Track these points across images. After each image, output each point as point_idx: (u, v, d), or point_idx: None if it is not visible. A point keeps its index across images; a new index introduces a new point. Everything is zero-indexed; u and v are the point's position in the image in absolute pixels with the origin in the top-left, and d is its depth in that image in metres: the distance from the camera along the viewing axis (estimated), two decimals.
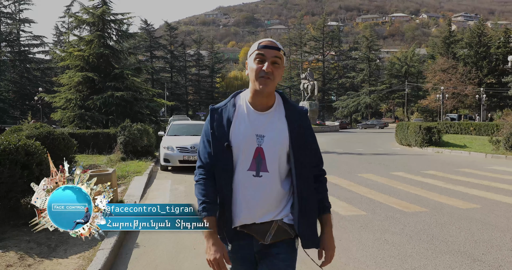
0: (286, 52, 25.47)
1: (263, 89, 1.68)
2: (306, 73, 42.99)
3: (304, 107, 1.84)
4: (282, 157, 1.73)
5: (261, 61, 1.69)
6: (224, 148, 1.69)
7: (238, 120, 1.72)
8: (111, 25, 21.42)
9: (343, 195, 7.09)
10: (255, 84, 1.70)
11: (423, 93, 62.59)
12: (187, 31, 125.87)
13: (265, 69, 1.66)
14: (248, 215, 1.69)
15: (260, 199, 1.69)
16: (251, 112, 1.74)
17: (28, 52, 46.88)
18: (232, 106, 1.76)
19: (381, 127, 52.47)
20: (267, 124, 1.73)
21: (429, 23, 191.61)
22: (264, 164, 1.70)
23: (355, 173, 10.00)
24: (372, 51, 67.80)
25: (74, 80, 19.46)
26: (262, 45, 1.71)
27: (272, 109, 1.76)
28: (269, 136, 1.71)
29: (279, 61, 1.70)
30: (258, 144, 1.70)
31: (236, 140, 1.70)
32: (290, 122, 1.74)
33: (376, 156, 14.51)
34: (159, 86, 54.53)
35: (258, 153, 1.70)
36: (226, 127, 1.71)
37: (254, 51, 1.71)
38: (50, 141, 8.21)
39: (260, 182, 1.70)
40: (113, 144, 14.31)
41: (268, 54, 1.69)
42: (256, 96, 1.73)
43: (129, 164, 10.93)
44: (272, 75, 1.67)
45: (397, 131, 20.30)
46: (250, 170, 1.70)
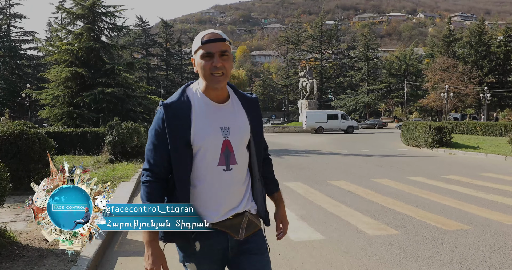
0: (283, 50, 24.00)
1: (218, 86, 1.63)
2: (305, 71, 41.98)
3: (254, 95, 1.81)
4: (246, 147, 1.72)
5: (209, 57, 1.61)
6: (183, 147, 1.60)
7: (196, 115, 1.62)
8: (102, 18, 20.24)
9: (363, 207, 6.06)
10: (209, 81, 1.63)
11: (422, 93, 61.87)
12: (183, 29, 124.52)
13: (216, 64, 1.60)
14: (219, 211, 1.64)
15: (231, 193, 1.66)
16: (210, 105, 1.66)
17: (19, 48, 45.56)
18: (187, 101, 1.65)
19: (380, 127, 51.60)
20: (230, 115, 1.68)
21: (426, 23, 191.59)
22: (233, 156, 1.66)
23: (368, 178, 8.98)
24: (370, 49, 66.92)
25: (62, 76, 18.27)
26: (205, 40, 1.62)
27: (230, 100, 1.71)
28: (235, 127, 1.67)
29: (227, 52, 1.63)
30: (225, 137, 1.64)
31: (200, 137, 1.61)
32: (248, 111, 1.72)
33: (384, 158, 13.51)
34: (154, 84, 53.40)
35: (225, 146, 1.64)
36: (184, 124, 1.60)
37: (199, 48, 1.62)
38: (22, 141, 7.12)
39: (230, 175, 1.66)
40: (101, 144, 13.24)
41: (214, 48, 1.61)
42: (211, 90, 1.66)
43: (117, 167, 9.85)
44: (224, 68, 1.61)
45: (403, 131, 19.31)
46: (219, 165, 1.63)
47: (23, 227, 5.08)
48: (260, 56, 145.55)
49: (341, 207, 6.08)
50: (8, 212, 5.97)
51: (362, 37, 68.33)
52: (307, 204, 6.26)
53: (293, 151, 16.32)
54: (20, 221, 5.45)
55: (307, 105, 39.17)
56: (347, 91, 67.27)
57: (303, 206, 6.14)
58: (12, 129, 7.17)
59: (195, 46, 1.65)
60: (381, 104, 67.05)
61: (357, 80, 67.10)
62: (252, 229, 1.72)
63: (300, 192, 7.24)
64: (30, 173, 7.26)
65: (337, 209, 5.89)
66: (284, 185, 8.08)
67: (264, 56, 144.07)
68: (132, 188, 7.29)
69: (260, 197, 1.77)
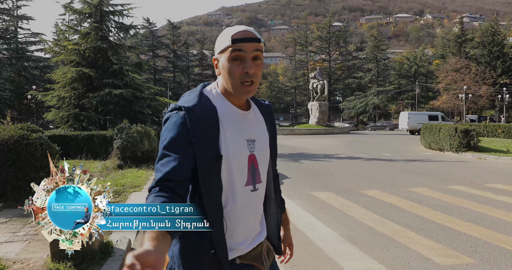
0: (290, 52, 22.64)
1: (247, 96, 1.36)
2: (315, 72, 41.04)
3: (267, 101, 1.58)
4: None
5: (240, 60, 1.31)
6: (213, 161, 1.28)
7: (223, 123, 1.33)
8: (109, 17, 19.55)
9: (415, 224, 5.20)
10: (236, 91, 1.34)
11: (433, 94, 60.69)
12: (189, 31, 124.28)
13: (248, 70, 1.30)
14: (246, 241, 1.38)
15: (257, 218, 1.43)
16: (235, 113, 1.38)
17: (26, 50, 45.15)
18: (210, 105, 1.34)
19: (391, 129, 50.52)
20: (254, 126, 1.42)
21: (433, 24, 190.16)
22: (258, 174, 1.40)
23: (403, 187, 8.12)
24: (379, 50, 65.87)
25: (68, 76, 17.58)
26: (237, 38, 1.30)
27: (251, 107, 1.45)
28: (260, 140, 1.42)
29: (260, 55, 1.33)
30: (250, 151, 1.38)
31: (229, 150, 1.31)
32: (266, 120, 1.49)
33: (411, 163, 12.62)
34: (161, 86, 52.71)
35: (251, 162, 1.38)
36: (212, 133, 1.30)
37: (228, 47, 1.31)
38: (22, 147, 6.34)
39: (256, 197, 1.41)
40: (109, 148, 12.49)
41: (248, 48, 1.30)
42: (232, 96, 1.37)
43: (126, 174, 9.06)
44: (255, 76, 1.32)
45: (424, 134, 18.37)
46: (247, 185, 1.37)
47: (19, 250, 4.28)
48: (267, 57, 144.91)
49: (389, 224, 5.22)
50: (5, 229, 5.18)
51: (371, 38, 67.24)
52: (349, 221, 5.41)
53: (309, 155, 15.47)
54: (17, 241, 4.65)
55: (318, 107, 38.19)
56: (356, 92, 66.20)
57: (346, 224, 5.29)
58: (11, 134, 6.39)
59: (221, 45, 1.35)
60: (391, 106, 65.88)
61: (366, 81, 65.98)
62: (271, 256, 1.51)
63: (336, 205, 6.39)
64: (31, 182, 6.47)
65: (386, 228, 5.04)
66: (313, 196, 7.24)
67: (271, 58, 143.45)
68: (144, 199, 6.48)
69: (274, 221, 1.53)
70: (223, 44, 1.33)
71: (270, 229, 1.51)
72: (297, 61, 70.95)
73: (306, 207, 6.28)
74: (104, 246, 3.81)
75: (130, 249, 4.20)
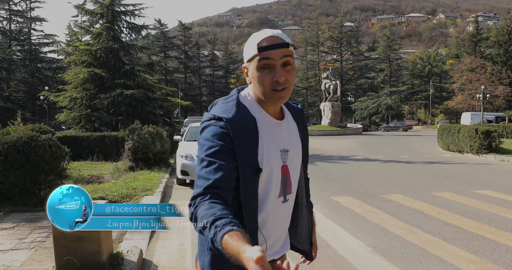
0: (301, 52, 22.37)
1: (280, 103, 1.34)
2: (328, 73, 40.53)
3: (299, 105, 1.55)
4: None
5: (269, 69, 1.27)
6: (252, 173, 1.27)
7: (263, 135, 1.31)
8: (121, 17, 19.42)
9: (446, 234, 4.81)
10: (268, 98, 1.31)
11: (447, 94, 59.69)
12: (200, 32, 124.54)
13: (278, 79, 1.26)
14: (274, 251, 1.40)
15: (284, 230, 1.44)
16: (270, 122, 1.35)
17: (39, 51, 45.53)
18: (249, 115, 1.31)
19: (404, 130, 49.75)
20: (288, 135, 1.40)
21: (446, 23, 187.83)
22: (289, 185, 1.39)
23: (427, 191, 7.71)
24: (392, 50, 64.98)
25: (79, 77, 17.47)
26: (264, 46, 1.26)
27: (285, 115, 1.42)
28: (293, 150, 1.39)
29: (290, 60, 1.29)
30: (283, 162, 1.36)
31: (266, 162, 1.30)
32: (298, 125, 1.46)
33: (431, 165, 12.16)
34: (172, 86, 52.76)
35: (283, 172, 1.36)
36: (253, 144, 1.28)
37: (255, 56, 1.28)
38: (31, 149, 6.11)
39: (287, 208, 1.41)
40: (121, 149, 12.28)
41: (276, 55, 1.26)
42: (265, 104, 1.34)
43: (138, 177, 8.80)
44: (287, 83, 1.29)
45: (442, 135, 17.83)
46: (279, 196, 1.36)
47: (25, 259, 4.03)
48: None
49: (418, 233, 4.85)
50: (11, 235, 4.94)
51: (383, 38, 66.39)
52: (375, 229, 5.05)
53: (324, 157, 15.08)
54: (23, 249, 4.40)
55: (331, 107, 37.67)
56: (369, 93, 65.42)
57: (371, 232, 4.94)
58: (19, 135, 6.17)
59: (248, 53, 1.30)
60: (404, 106, 64.94)
61: (379, 81, 65.13)
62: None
63: (358, 211, 6.03)
64: (40, 185, 6.25)
65: (415, 237, 4.67)
66: (332, 200, 6.89)
67: None
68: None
69: (306, 228, 1.52)
70: (250, 53, 1.30)
71: (302, 235, 1.51)
72: (309, 61, 70.42)
73: (327, 213, 5.93)
74: (113, 257, 3.52)
75: (142, 261, 3.90)
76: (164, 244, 4.55)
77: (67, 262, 3.23)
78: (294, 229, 1.49)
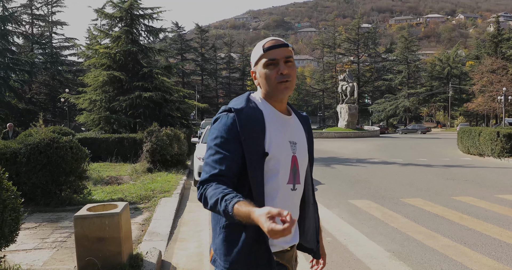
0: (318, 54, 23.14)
1: (285, 94, 1.48)
2: (345, 74, 40.24)
3: (304, 113, 1.70)
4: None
5: (274, 65, 1.46)
6: (259, 157, 1.40)
7: (269, 124, 1.46)
8: (140, 20, 19.69)
9: (468, 239, 4.71)
10: (275, 91, 1.48)
11: (467, 96, 58.53)
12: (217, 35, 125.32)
13: (282, 71, 1.44)
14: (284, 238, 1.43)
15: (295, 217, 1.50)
16: (279, 116, 1.51)
17: (60, 55, 46.50)
18: (257, 107, 1.48)
19: (423, 132, 48.99)
20: (295, 130, 1.55)
21: (466, 24, 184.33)
22: (298, 175, 1.50)
23: (447, 195, 7.58)
24: (410, 52, 64.05)
25: (99, 80, 17.76)
26: (268, 46, 1.47)
27: (292, 114, 1.59)
28: (300, 143, 1.54)
29: (291, 58, 1.49)
30: (293, 152, 1.49)
31: (274, 148, 1.43)
32: (304, 128, 1.61)
33: (450, 169, 11.94)
34: (189, 89, 53.25)
35: (294, 162, 1.49)
36: (259, 133, 1.43)
37: (262, 57, 1.48)
38: (53, 150, 6.24)
39: (295, 196, 1.51)
40: (139, 151, 12.44)
41: (279, 54, 1.46)
42: (275, 102, 1.52)
43: (156, 178, 8.89)
44: (290, 76, 1.46)
45: (462, 138, 17.50)
46: (289, 183, 1.47)
47: (47, 258, 4.11)
48: (294, 60, 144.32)
49: (438, 238, 4.77)
50: (34, 234, 5.05)
51: (401, 39, 65.53)
52: (394, 234, 4.99)
53: (341, 160, 14.97)
54: (45, 248, 4.48)
55: (348, 110, 37.39)
56: (386, 95, 64.67)
57: (390, 236, 4.87)
58: (42, 137, 6.31)
59: (255, 57, 1.50)
60: (422, 109, 63.90)
61: (397, 83, 64.30)
62: (297, 263, 1.60)
63: (377, 215, 5.96)
64: (61, 186, 6.37)
65: (436, 242, 4.59)
66: (350, 204, 6.83)
67: (298, 61, 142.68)
68: (175, 206, 6.24)
69: (313, 226, 1.61)
70: (257, 55, 1.48)
71: (309, 233, 1.58)
72: (325, 63, 70.07)
73: (345, 217, 5.88)
74: (133, 259, 3.56)
75: (161, 262, 3.94)
76: (182, 246, 4.58)
77: (89, 262, 3.28)
78: (302, 226, 1.56)
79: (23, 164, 6.10)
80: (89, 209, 3.48)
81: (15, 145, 6.35)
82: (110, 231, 3.25)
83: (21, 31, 36.31)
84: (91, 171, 9.65)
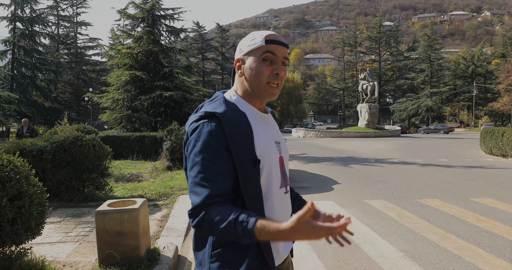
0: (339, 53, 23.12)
1: (272, 98, 1.34)
2: (365, 73, 39.83)
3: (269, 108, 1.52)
4: None
5: (271, 61, 1.31)
6: (251, 166, 1.24)
7: (255, 128, 1.30)
8: (161, 21, 20.04)
9: (484, 241, 4.69)
10: (262, 91, 1.32)
11: (492, 96, 57.02)
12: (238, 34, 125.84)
13: (278, 71, 1.30)
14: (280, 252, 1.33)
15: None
16: (261, 116, 1.37)
17: (84, 54, 47.68)
18: (238, 110, 1.31)
19: (445, 132, 48.02)
20: (275, 129, 1.44)
21: (492, 21, 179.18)
22: (286, 176, 1.40)
23: (466, 197, 7.50)
24: (433, 50, 62.78)
25: (121, 79, 18.20)
26: (272, 39, 1.31)
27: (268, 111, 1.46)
28: (282, 142, 1.43)
29: (286, 61, 1.34)
30: (280, 153, 1.37)
31: (264, 153, 1.28)
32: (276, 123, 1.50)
33: (471, 170, 11.75)
34: (210, 88, 53.74)
35: (282, 164, 1.37)
36: (248, 138, 1.26)
37: (261, 47, 1.30)
38: (77, 148, 6.49)
39: (287, 199, 1.39)
40: (159, 149, 12.72)
41: (280, 52, 1.32)
42: (255, 100, 1.36)
43: (175, 176, 9.10)
44: (282, 79, 1.33)
45: (484, 138, 17.15)
46: (281, 187, 1.35)
47: (70, 251, 4.31)
48: (315, 59, 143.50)
49: (453, 239, 4.76)
50: (58, 229, 5.29)
51: (424, 37, 64.29)
52: (408, 234, 5.00)
53: (360, 159, 14.90)
54: (68, 242, 4.70)
55: (368, 109, 37.03)
56: (408, 94, 63.68)
57: (404, 236, 4.90)
58: (66, 135, 6.57)
59: (251, 44, 1.32)
60: (445, 108, 62.64)
61: (419, 82, 63.17)
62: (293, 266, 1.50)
63: (392, 215, 5.97)
64: (84, 183, 6.62)
65: (450, 243, 4.59)
66: (366, 204, 6.85)
67: (319, 59, 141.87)
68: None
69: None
70: (254, 44, 1.31)
71: None
72: (346, 62, 69.51)
73: (360, 217, 5.92)
74: (151, 253, 3.72)
75: (177, 257, 4.09)
76: None
77: (108, 255, 3.45)
78: None
79: (49, 161, 6.37)
80: (109, 205, 3.65)
81: (41, 143, 6.64)
82: (128, 226, 3.41)
83: (47, 32, 37.40)
84: (113, 169, 9.95)
